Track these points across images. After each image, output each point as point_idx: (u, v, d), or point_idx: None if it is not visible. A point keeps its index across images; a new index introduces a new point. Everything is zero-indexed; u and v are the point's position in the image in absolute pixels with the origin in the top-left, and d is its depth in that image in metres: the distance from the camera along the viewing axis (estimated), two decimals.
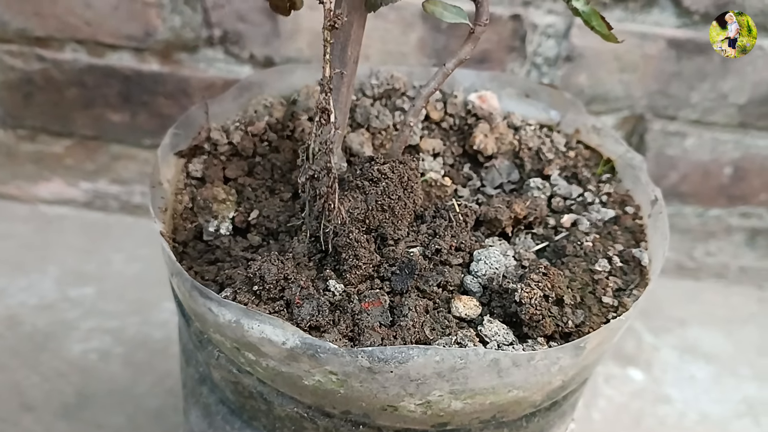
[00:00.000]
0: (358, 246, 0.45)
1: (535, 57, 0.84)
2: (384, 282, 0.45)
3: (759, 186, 0.92)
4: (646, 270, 0.50)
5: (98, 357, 0.83)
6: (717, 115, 0.87)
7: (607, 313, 0.48)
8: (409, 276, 0.45)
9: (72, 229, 0.97)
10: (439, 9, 0.46)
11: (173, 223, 0.51)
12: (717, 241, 0.98)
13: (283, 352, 0.40)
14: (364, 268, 0.45)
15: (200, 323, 0.45)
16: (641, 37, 0.82)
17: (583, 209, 0.54)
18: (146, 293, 0.89)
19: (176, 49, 0.86)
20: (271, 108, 0.58)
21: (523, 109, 0.60)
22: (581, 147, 0.58)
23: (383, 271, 0.46)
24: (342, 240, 0.45)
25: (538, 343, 0.45)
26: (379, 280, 0.46)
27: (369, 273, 0.45)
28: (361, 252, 0.45)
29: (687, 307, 0.97)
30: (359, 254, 0.45)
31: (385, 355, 0.39)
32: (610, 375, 0.88)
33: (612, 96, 0.86)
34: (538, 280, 0.45)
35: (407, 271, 0.45)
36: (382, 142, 0.57)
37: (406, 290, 0.45)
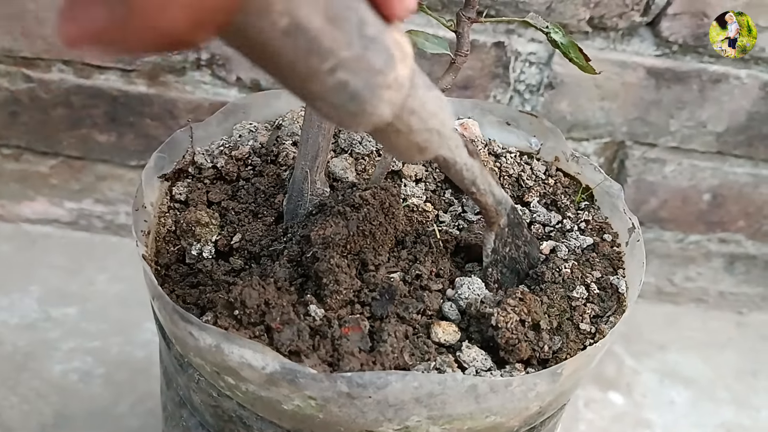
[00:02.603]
0: (338, 271, 0.45)
1: (518, 84, 0.85)
2: (364, 307, 0.46)
3: (737, 213, 0.94)
4: (623, 297, 0.51)
5: (79, 377, 0.82)
6: (696, 143, 0.89)
7: (585, 340, 0.48)
8: (389, 301, 0.46)
9: (56, 248, 0.97)
10: (420, 39, 0.47)
11: (156, 246, 0.52)
12: (696, 267, 0.99)
13: (263, 376, 0.41)
14: (344, 293, 0.45)
15: (180, 347, 0.45)
16: (621, 65, 0.83)
17: (561, 236, 0.55)
18: (129, 313, 0.89)
19: (163, 70, 0.86)
20: (255, 132, 0.59)
21: (504, 137, 0.61)
22: (560, 174, 0.59)
23: (363, 297, 0.46)
24: (323, 265, 0.45)
25: (516, 369, 0.46)
26: (359, 306, 0.46)
27: (349, 298, 0.46)
28: (342, 277, 0.45)
29: (667, 332, 0.98)
30: (340, 279, 0.45)
31: (364, 380, 0.39)
32: (591, 399, 0.88)
33: (593, 123, 0.87)
34: (514, 305, 0.46)
35: (387, 296, 0.46)
36: (366, 167, 0.58)
37: (386, 315, 0.45)
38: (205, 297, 0.47)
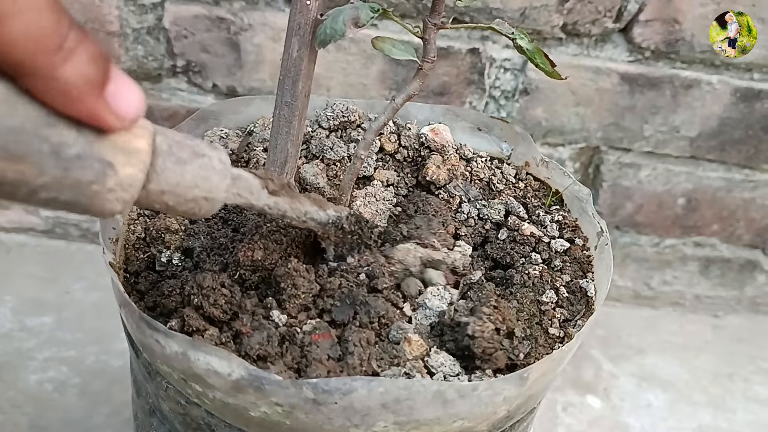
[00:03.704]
0: (296, 275, 0.45)
1: (493, 90, 0.85)
2: (324, 313, 0.46)
3: (711, 217, 0.95)
4: (592, 300, 0.51)
5: (54, 387, 0.81)
6: (670, 148, 0.89)
7: (554, 344, 0.48)
8: (350, 306, 0.46)
9: (31, 257, 0.96)
10: (387, 46, 0.47)
11: (125, 254, 0.51)
12: (673, 271, 1.00)
13: (229, 383, 0.41)
14: (303, 297, 0.45)
15: (148, 355, 0.45)
16: (595, 71, 0.84)
17: (536, 243, 0.55)
18: (106, 322, 0.88)
19: (139, 78, 0.86)
20: (226, 139, 0.59)
21: (475, 142, 0.61)
22: (531, 179, 0.60)
23: (322, 304, 0.46)
24: (281, 270, 0.45)
25: (486, 375, 0.46)
26: (318, 311, 0.46)
27: (308, 303, 0.46)
28: (300, 281, 0.45)
29: (644, 335, 0.99)
30: (298, 283, 0.45)
31: (330, 386, 0.39)
32: (569, 403, 0.89)
33: (568, 128, 0.88)
34: (489, 313, 0.46)
35: (348, 301, 0.46)
36: (337, 173, 0.58)
37: (347, 321, 0.45)
38: (172, 303, 0.47)
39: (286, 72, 0.47)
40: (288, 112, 0.48)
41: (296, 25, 0.46)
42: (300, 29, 0.46)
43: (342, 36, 0.45)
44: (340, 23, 0.45)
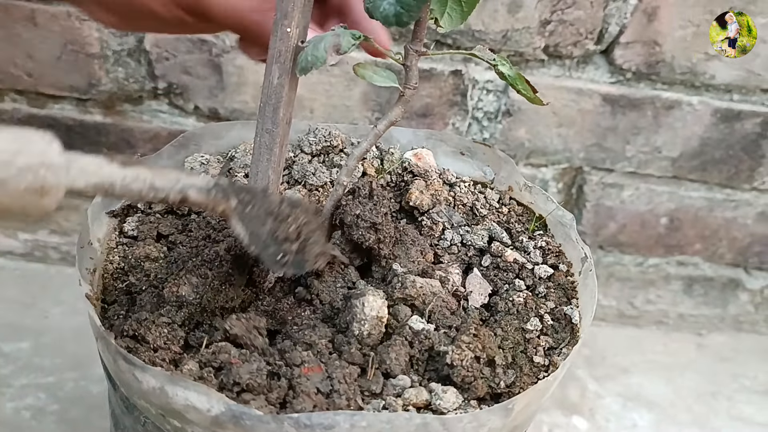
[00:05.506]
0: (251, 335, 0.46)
1: (476, 111, 0.85)
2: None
3: (693, 236, 0.95)
4: (576, 327, 0.51)
5: (32, 414, 0.80)
6: (652, 168, 0.90)
7: (538, 373, 0.48)
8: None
9: (9, 280, 0.94)
10: (369, 72, 0.47)
11: (103, 283, 0.51)
12: (656, 290, 1.00)
13: (208, 419, 0.40)
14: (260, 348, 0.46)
15: (125, 389, 0.44)
16: (577, 92, 0.84)
17: (519, 269, 0.55)
18: (85, 347, 0.86)
19: (120, 100, 0.85)
20: (207, 165, 0.58)
21: (459, 167, 0.61)
22: (514, 203, 0.59)
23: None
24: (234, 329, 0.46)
25: (471, 406, 0.45)
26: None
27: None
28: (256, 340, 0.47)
29: (629, 355, 0.99)
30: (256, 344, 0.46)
31: (312, 421, 0.39)
32: (555, 424, 0.88)
33: (551, 149, 0.88)
34: (468, 342, 0.46)
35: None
36: (319, 198, 0.57)
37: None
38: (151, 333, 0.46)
39: (267, 99, 0.47)
40: (269, 139, 0.48)
41: (277, 52, 0.45)
42: (281, 56, 0.45)
43: (323, 63, 0.44)
44: (321, 50, 0.44)
